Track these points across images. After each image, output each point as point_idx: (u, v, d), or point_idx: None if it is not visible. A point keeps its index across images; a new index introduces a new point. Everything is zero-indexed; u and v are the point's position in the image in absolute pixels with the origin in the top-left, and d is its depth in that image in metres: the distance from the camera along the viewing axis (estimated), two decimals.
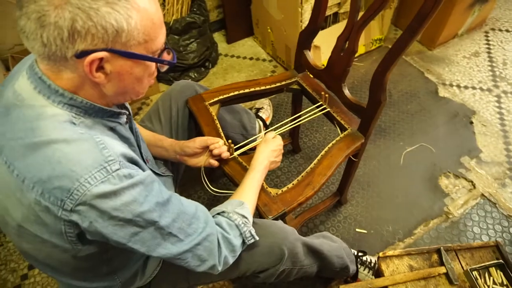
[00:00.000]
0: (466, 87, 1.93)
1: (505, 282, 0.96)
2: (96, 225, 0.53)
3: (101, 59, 0.52)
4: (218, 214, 0.78)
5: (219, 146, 0.95)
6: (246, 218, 0.77)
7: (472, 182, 1.53)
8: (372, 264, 1.22)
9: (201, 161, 0.98)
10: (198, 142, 0.96)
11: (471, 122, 1.76)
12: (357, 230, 1.41)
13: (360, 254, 1.23)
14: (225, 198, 0.87)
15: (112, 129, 0.65)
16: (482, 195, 1.49)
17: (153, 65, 0.61)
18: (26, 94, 0.55)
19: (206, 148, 0.97)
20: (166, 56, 0.61)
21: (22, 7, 0.48)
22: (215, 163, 0.98)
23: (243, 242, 0.76)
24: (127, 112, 0.70)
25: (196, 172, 0.99)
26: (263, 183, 0.93)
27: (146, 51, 0.56)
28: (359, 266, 1.21)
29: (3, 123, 0.55)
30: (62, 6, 0.47)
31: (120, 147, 0.58)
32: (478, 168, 1.57)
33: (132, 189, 0.54)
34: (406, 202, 1.48)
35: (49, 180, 0.51)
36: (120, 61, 0.54)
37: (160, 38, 0.58)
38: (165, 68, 0.63)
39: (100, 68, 0.53)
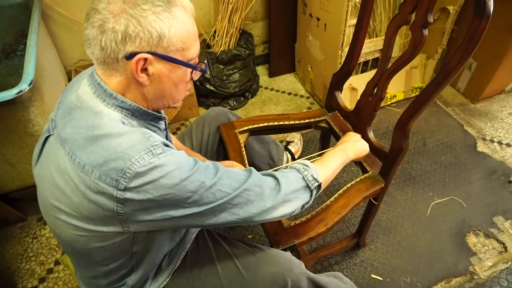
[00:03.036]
0: (508, 145, 1.86)
1: None
2: (149, 196, 0.61)
3: (145, 60, 0.62)
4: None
5: None
6: (306, 165, 0.82)
7: (504, 244, 1.45)
8: None
9: None
10: None
11: (510, 182, 1.68)
12: (372, 276, 1.37)
13: None
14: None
15: None
16: None
17: (188, 73, 0.70)
18: (86, 97, 0.66)
19: None
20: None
21: (89, 19, 0.61)
22: None
23: (307, 186, 0.79)
24: (166, 118, 0.80)
25: None
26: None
27: (183, 58, 0.66)
28: None
29: (66, 120, 0.66)
30: (120, 15, 0.58)
31: (160, 138, 0.67)
32: None
33: (175, 158, 0.63)
34: (428, 254, 1.43)
35: (105, 163, 0.60)
36: (161, 64, 0.64)
37: (195, 48, 0.68)
38: (198, 75, 0.73)
39: (144, 70, 0.64)
